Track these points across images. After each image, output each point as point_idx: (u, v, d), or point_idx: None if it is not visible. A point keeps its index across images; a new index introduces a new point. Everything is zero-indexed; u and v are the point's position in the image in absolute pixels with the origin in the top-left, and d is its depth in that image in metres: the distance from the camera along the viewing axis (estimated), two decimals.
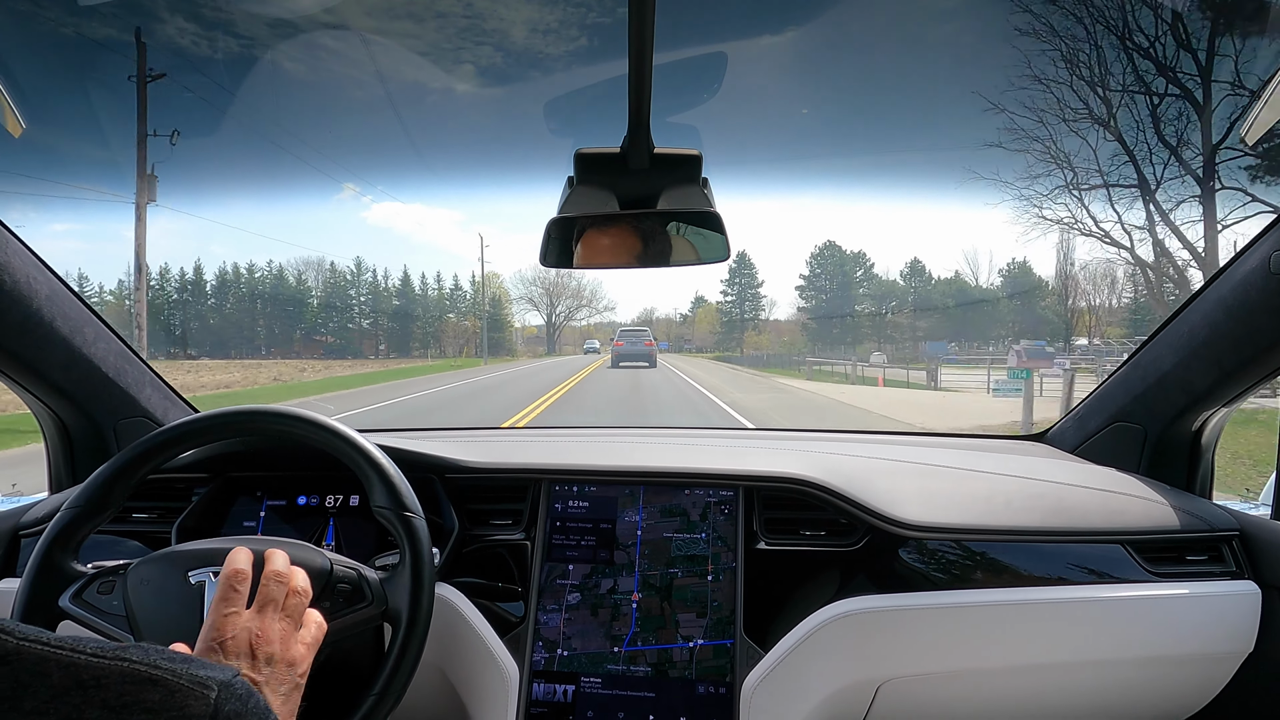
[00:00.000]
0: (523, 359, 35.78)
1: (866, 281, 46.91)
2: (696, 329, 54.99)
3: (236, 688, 0.44)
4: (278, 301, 40.56)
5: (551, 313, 49.48)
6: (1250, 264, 1.05)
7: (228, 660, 0.69)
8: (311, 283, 42.87)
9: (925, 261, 45.82)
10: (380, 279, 45.10)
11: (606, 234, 0.94)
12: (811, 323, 47.81)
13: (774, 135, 19.54)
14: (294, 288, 41.67)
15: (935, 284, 43.02)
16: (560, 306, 49.71)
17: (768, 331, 48.93)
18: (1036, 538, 1.12)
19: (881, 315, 43.71)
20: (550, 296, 48.70)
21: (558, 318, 49.75)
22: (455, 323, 42.81)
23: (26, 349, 1.14)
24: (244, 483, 1.22)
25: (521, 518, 1.17)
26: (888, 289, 45.44)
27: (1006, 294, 37.97)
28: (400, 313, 43.96)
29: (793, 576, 1.11)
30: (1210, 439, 1.31)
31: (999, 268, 39.91)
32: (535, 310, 50.32)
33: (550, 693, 1.05)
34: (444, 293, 46.69)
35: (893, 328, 43.48)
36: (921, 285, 44.27)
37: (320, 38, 7.44)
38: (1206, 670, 1.12)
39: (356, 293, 43.56)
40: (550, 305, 49.65)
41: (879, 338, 43.00)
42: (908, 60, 9.81)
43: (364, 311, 43.69)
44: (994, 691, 1.10)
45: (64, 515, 0.91)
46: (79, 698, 0.38)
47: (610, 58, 0.84)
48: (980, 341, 35.04)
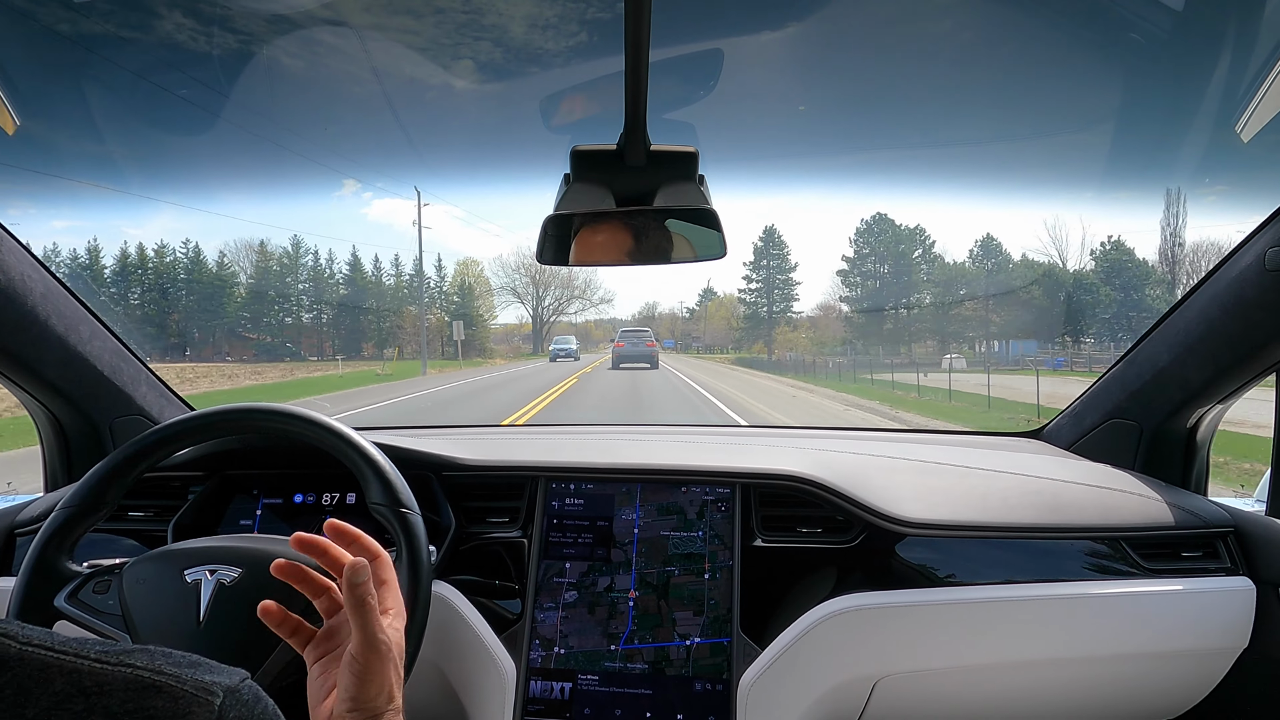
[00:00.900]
0: (497, 363, 29.44)
1: (927, 264, 35.01)
2: (708, 325, 45.57)
3: (243, 693, 0.43)
4: (198, 291, 30.92)
5: (538, 305, 40.60)
6: (1245, 260, 1.05)
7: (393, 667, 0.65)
8: (240, 266, 32.86)
9: (1001, 238, 33.61)
10: (325, 262, 34.80)
11: (603, 231, 0.94)
12: (856, 315, 36.48)
13: (771, 132, 19.48)
14: (215, 274, 31.41)
15: (1014, 267, 31.53)
16: (549, 298, 40.75)
17: (804, 327, 38.00)
18: (1032, 534, 1.12)
19: (948, 306, 32.80)
20: (537, 286, 39.71)
21: (546, 311, 41.01)
22: (418, 316, 36.55)
23: (22, 347, 1.14)
24: (240, 481, 1.22)
25: (518, 515, 1.17)
26: (953, 274, 33.69)
27: (1106, 280, 26.36)
28: (350, 304, 34.78)
29: (789, 574, 1.11)
30: (1206, 436, 1.32)
31: (1092, 248, 29.16)
32: (520, 303, 41.55)
33: (547, 690, 1.05)
34: (402, 279, 36.70)
35: (958, 321, 32.61)
36: (998, 268, 32.35)
37: (319, 34, 7.44)
38: (1201, 666, 1.13)
39: (295, 279, 33.69)
40: (537, 297, 40.34)
41: (941, 334, 32.41)
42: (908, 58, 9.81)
43: (302, 303, 33.99)
44: (990, 687, 1.10)
45: (59, 514, 0.91)
46: (81, 705, 0.38)
47: (609, 53, 0.84)
48: (1066, 339, 24.80)
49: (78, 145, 11.66)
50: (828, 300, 39.03)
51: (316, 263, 34.93)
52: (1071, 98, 2.68)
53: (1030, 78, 3.85)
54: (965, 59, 3.89)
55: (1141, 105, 1.84)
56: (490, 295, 39.40)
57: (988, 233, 36.25)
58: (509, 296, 41.95)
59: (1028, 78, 3.90)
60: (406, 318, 34.87)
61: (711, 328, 45.32)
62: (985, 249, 32.78)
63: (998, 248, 32.64)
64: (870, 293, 35.81)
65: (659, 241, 0.95)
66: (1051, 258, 29.77)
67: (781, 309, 39.49)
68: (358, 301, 35.14)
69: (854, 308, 36.70)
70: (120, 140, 10.89)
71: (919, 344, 32.95)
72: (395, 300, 36.42)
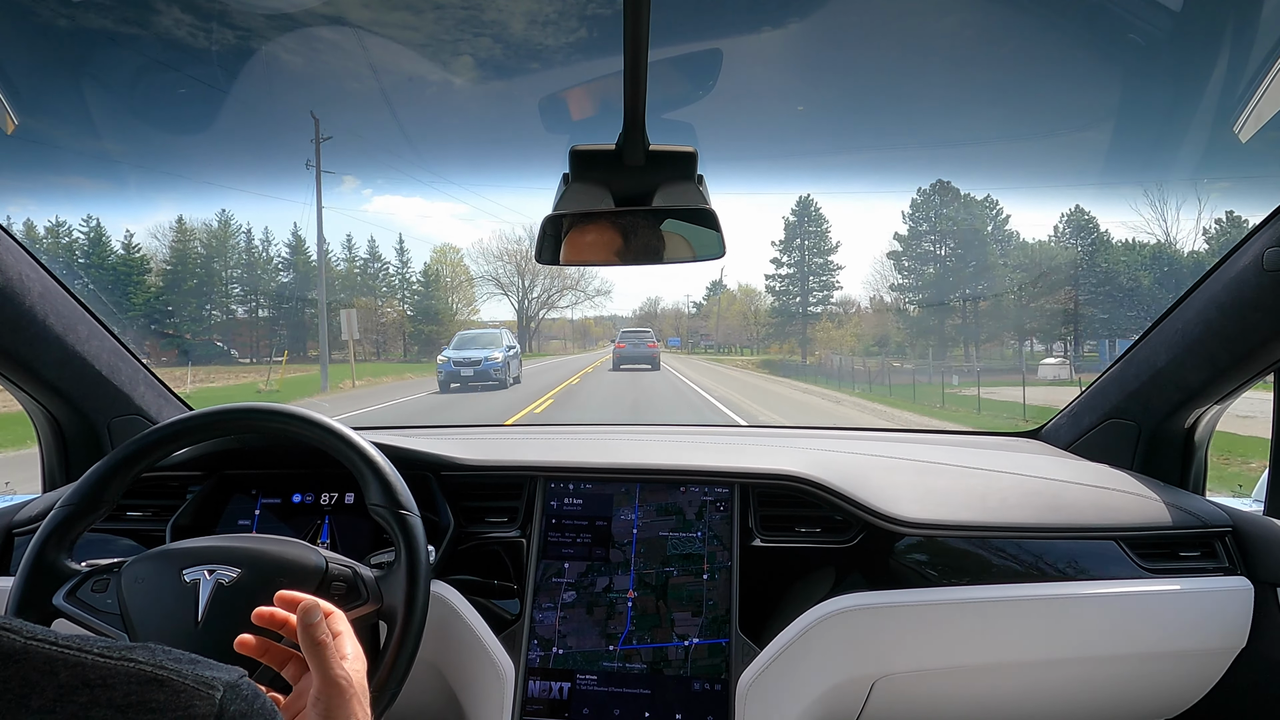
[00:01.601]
0: (406, 378, 21.41)
1: (1001, 242, 26.25)
2: (720, 321, 37.85)
3: (243, 688, 0.44)
4: (100, 278, 23.51)
5: (524, 298, 33.32)
6: (1244, 261, 1.05)
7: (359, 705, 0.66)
8: (153, 249, 25.07)
9: (1094, 211, 23.91)
10: (261, 242, 26.93)
11: (602, 231, 0.94)
12: (912, 308, 27.30)
13: (770, 132, 19.34)
14: (123, 257, 24.01)
15: (1115, 248, 23.39)
16: (537, 289, 33.35)
17: (853, 322, 29.32)
18: (1031, 534, 1.12)
19: (1033, 295, 24.43)
20: (522, 276, 32.77)
21: (533, 304, 33.66)
22: (372, 308, 28.18)
23: (20, 346, 1.14)
24: (239, 481, 1.22)
25: (517, 515, 1.17)
26: (1035, 256, 25.23)
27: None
28: (289, 295, 27.18)
29: (788, 573, 1.11)
30: (1204, 436, 1.32)
31: (1207, 226, 21.47)
32: (504, 295, 33.64)
33: (546, 690, 1.05)
34: (355, 264, 29.08)
35: (1040, 315, 24.50)
36: (1095, 248, 23.77)
37: (318, 30, 7.36)
38: (1200, 666, 1.13)
39: (223, 264, 26.25)
40: (523, 288, 33.11)
41: (1017, 331, 24.80)
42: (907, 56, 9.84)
43: (231, 293, 26.35)
44: (988, 687, 1.11)
45: (58, 513, 0.91)
46: (85, 697, 0.38)
47: (609, 51, 0.84)
48: None
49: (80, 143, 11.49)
50: (868, 293, 30.70)
51: (249, 243, 26.83)
52: (1072, 96, 2.69)
53: (1030, 77, 3.85)
54: (965, 60, 3.91)
55: (1142, 104, 1.84)
56: (471, 286, 32.45)
57: (1076, 205, 24.15)
58: (491, 287, 34.06)
59: (1027, 78, 3.91)
60: (360, 312, 26.98)
61: (724, 324, 37.92)
62: (1075, 226, 24.29)
63: (1090, 223, 23.97)
64: (929, 281, 27.24)
65: (658, 241, 0.95)
66: (1157, 237, 22.97)
67: (819, 301, 30.49)
68: (302, 291, 27.40)
69: (908, 298, 27.65)
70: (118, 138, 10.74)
71: (993, 342, 25.39)
72: (347, 287, 28.96)
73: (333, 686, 0.65)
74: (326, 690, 0.65)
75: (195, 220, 25.94)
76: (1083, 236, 24.59)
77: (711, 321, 39.45)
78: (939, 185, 26.95)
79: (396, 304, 29.44)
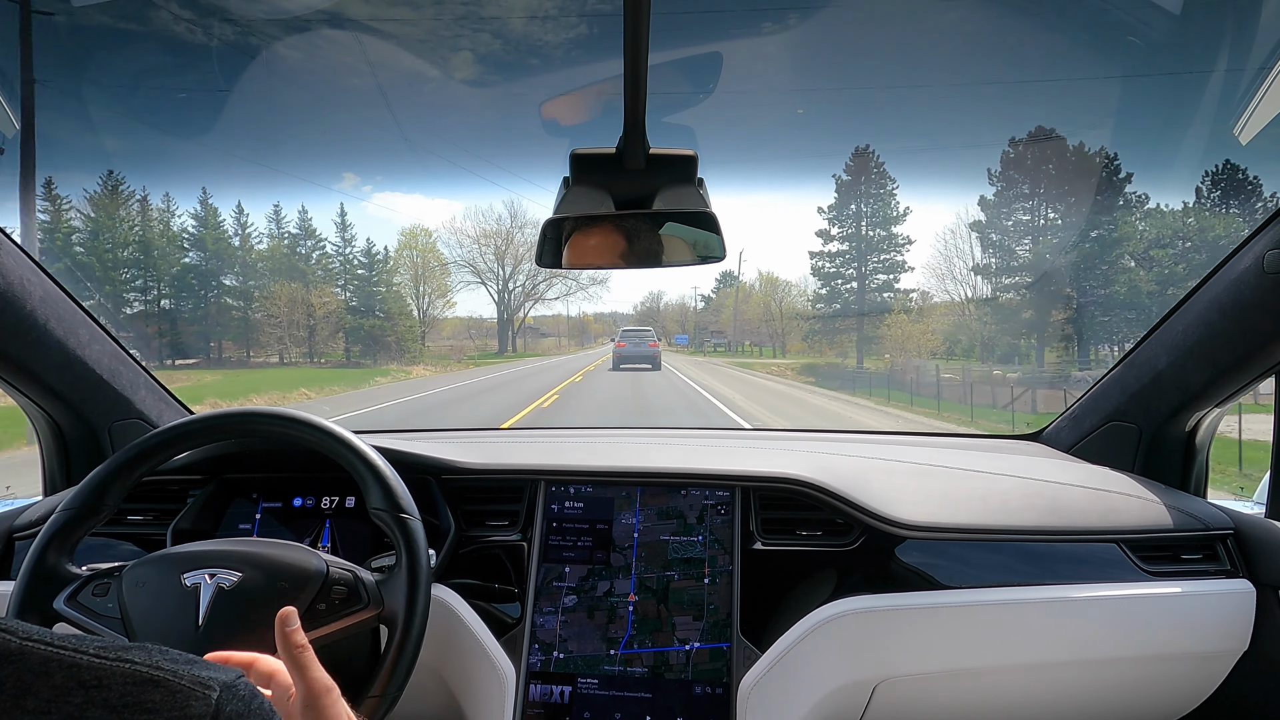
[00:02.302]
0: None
1: (1134, 208, 18.68)
2: (737, 317, 31.38)
3: (239, 688, 0.44)
4: None
5: (504, 287, 27.54)
6: (1244, 263, 1.05)
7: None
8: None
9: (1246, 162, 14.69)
10: (160, 210, 20.33)
11: (602, 234, 0.94)
12: (1017, 298, 19.72)
13: (770, 135, 19.20)
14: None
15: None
16: (521, 277, 27.32)
17: (938, 313, 20.81)
18: (1032, 537, 1.12)
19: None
20: (501, 261, 26.63)
21: (513, 296, 27.71)
22: (301, 296, 21.40)
23: (21, 351, 1.14)
24: (240, 485, 1.22)
25: (518, 519, 1.17)
26: (1174, 227, 18.18)
27: None
28: (189, 281, 20.55)
29: (789, 576, 1.11)
30: (1205, 438, 1.32)
31: None
32: (482, 283, 28.00)
33: (547, 694, 1.05)
34: (282, 240, 22.11)
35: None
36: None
37: (318, 27, 7.30)
38: (1201, 669, 1.12)
39: (112, 238, 19.64)
40: (502, 276, 27.23)
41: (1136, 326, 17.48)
42: (908, 54, 9.76)
43: (121, 280, 20.33)
44: (990, 691, 1.10)
45: (59, 517, 0.91)
46: (81, 697, 0.38)
47: (609, 56, 0.84)
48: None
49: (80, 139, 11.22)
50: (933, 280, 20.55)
51: (144, 213, 19.95)
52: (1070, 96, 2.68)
53: (1029, 78, 3.86)
54: (965, 60, 3.92)
55: (1140, 105, 1.84)
56: (445, 274, 26.13)
57: (1226, 160, 16.77)
58: (466, 275, 28.39)
59: (1026, 77, 3.91)
60: (278, 299, 21.08)
61: (740, 320, 30.75)
62: (1231, 183, 17.35)
63: (1248, 180, 16.91)
64: (1026, 262, 19.48)
65: (658, 244, 0.95)
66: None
67: (884, 283, 21.88)
68: (216, 272, 20.98)
69: (1004, 282, 19.54)
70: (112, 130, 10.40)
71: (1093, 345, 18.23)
72: (272, 268, 22.09)
73: (323, 689, 0.66)
74: (315, 695, 0.65)
75: (71, 183, 18.89)
76: (1241, 198, 17.27)
77: (724, 316, 33.48)
78: (1040, 129, 19.29)
79: (332, 292, 22.90)
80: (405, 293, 25.06)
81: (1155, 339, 1.26)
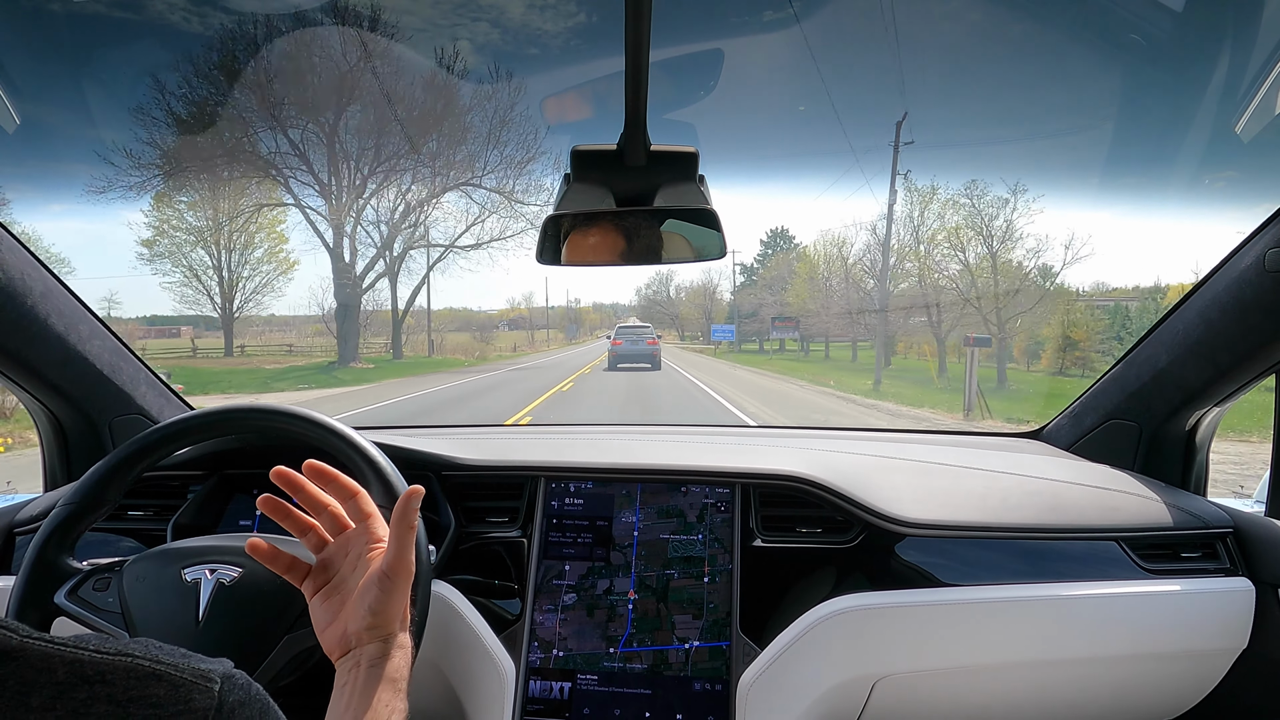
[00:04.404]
0: None
1: None
2: (816, 293, 19.67)
3: (238, 679, 0.45)
4: None
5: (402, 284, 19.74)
6: (1245, 262, 1.05)
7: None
8: None
9: None
10: None
11: (603, 231, 0.94)
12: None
13: (771, 132, 19.15)
14: None
15: None
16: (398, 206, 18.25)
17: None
18: (1032, 535, 1.12)
19: None
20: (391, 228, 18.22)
21: (356, 282, 18.52)
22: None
23: (21, 346, 1.14)
24: (240, 480, 1.22)
25: (518, 515, 1.17)
26: None
27: None
28: None
29: (789, 574, 1.11)
30: (1205, 437, 1.32)
31: None
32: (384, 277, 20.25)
33: (547, 690, 1.05)
34: None
35: None
36: None
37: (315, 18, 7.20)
38: (1201, 667, 1.13)
39: None
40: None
41: None
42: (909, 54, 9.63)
43: None
44: (989, 688, 1.10)
45: (59, 512, 0.91)
46: (84, 693, 0.39)
47: (609, 53, 0.84)
48: None
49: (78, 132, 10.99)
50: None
51: None
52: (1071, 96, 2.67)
53: (1029, 78, 3.84)
54: (965, 60, 3.91)
55: (1140, 104, 1.83)
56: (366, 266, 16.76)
57: None
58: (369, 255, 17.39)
59: (1026, 78, 3.89)
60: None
61: (819, 297, 18.26)
62: None
63: None
64: None
65: (658, 241, 0.95)
66: None
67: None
68: None
69: None
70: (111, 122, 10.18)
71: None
72: None
73: (405, 569, 0.67)
74: (398, 569, 0.67)
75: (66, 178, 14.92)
76: None
77: (795, 294, 19.80)
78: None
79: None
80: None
81: (1156, 337, 1.26)
